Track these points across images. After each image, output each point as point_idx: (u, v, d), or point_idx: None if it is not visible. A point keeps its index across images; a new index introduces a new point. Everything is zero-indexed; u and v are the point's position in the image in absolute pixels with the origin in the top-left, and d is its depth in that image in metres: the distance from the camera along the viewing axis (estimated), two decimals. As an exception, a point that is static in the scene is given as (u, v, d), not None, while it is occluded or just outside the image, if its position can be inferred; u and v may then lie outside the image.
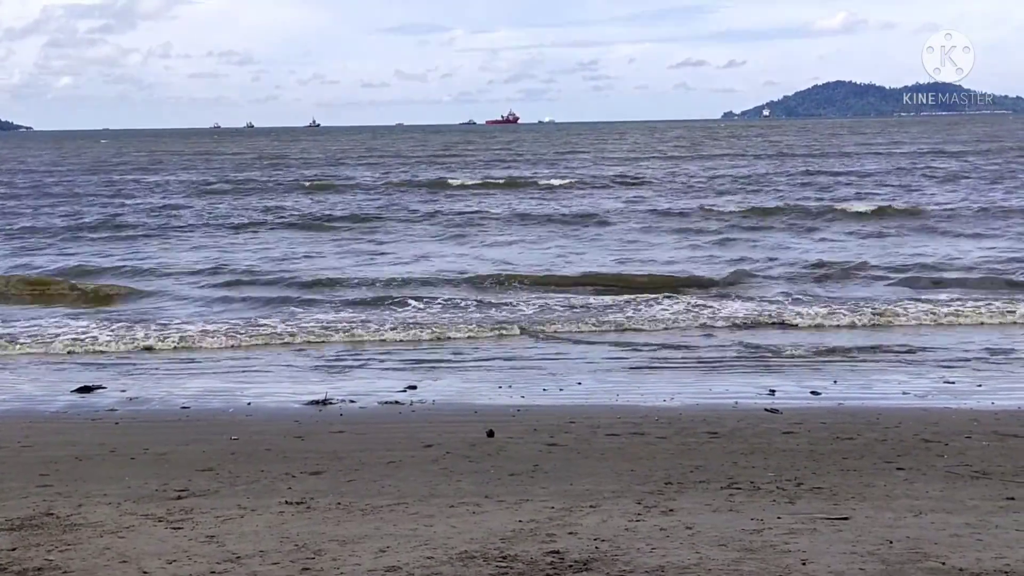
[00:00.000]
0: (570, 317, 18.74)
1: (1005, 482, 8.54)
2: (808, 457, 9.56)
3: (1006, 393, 12.96)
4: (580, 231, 33.53)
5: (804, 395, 12.99)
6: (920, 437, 10.30)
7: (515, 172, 64.47)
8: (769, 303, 19.89)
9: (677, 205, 40.25)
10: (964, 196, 41.59)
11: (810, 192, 45.32)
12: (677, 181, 54.18)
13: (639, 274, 23.58)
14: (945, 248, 27.61)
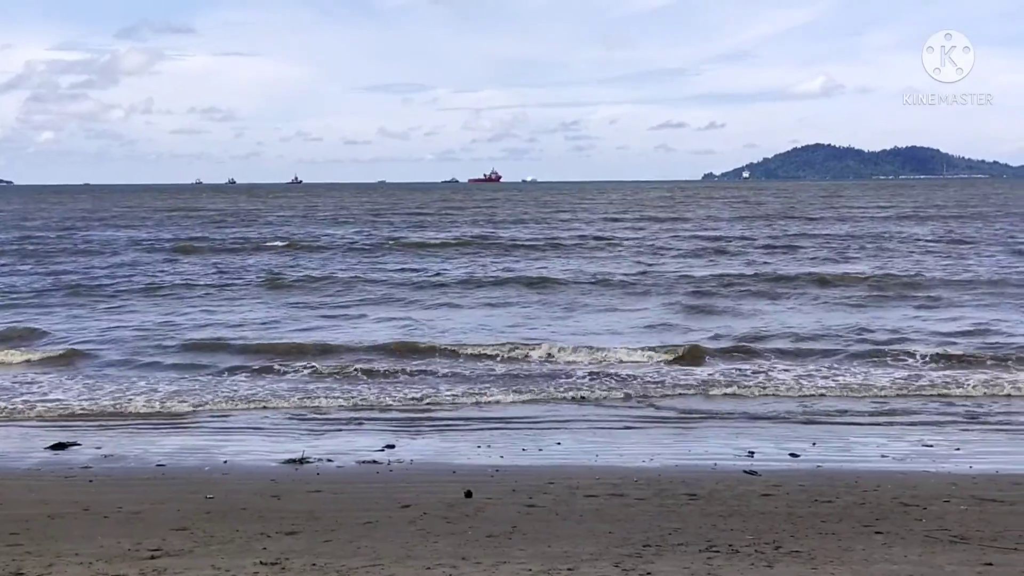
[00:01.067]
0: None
1: (983, 547, 8.51)
2: (787, 520, 9.52)
3: (983, 457, 12.97)
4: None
5: (783, 457, 12.97)
6: (899, 501, 10.28)
7: (486, 231, 64.20)
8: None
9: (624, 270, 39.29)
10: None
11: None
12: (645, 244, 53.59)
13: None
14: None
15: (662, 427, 15.13)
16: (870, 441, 14.04)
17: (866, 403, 16.81)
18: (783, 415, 15.93)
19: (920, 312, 27.15)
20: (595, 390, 17.83)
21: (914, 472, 11.99)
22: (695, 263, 41.95)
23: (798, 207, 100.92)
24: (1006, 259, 41.57)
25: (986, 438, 14.31)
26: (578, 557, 8.25)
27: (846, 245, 49.63)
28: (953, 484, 11.15)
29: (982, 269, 37.58)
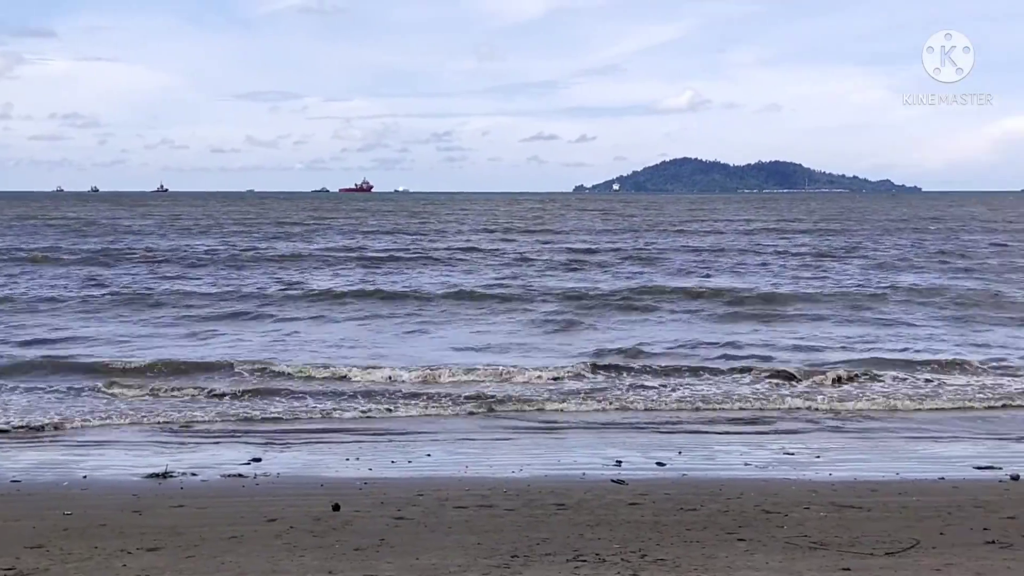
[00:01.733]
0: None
1: (841, 552, 8.74)
2: (652, 528, 9.64)
3: (842, 464, 13.32)
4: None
5: (650, 466, 13.14)
6: (761, 508, 10.49)
7: (355, 242, 63.55)
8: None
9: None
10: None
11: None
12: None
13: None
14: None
15: (532, 438, 15.22)
16: (733, 450, 14.32)
17: (731, 413, 17.16)
18: (650, 425, 16.15)
19: (781, 326, 27.72)
20: (465, 403, 17.78)
21: (776, 480, 12.26)
22: (565, 276, 42.09)
23: (666, 219, 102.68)
24: (869, 273, 42.78)
25: (845, 446, 14.71)
26: (446, 569, 8.23)
27: (713, 259, 50.52)
28: (813, 491, 11.42)
29: (849, 282, 38.65)
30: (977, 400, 18.02)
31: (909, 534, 9.40)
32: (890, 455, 14.05)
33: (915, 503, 10.80)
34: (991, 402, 17.87)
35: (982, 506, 10.63)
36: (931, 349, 23.44)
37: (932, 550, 8.85)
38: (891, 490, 11.55)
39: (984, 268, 44.13)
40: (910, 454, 14.16)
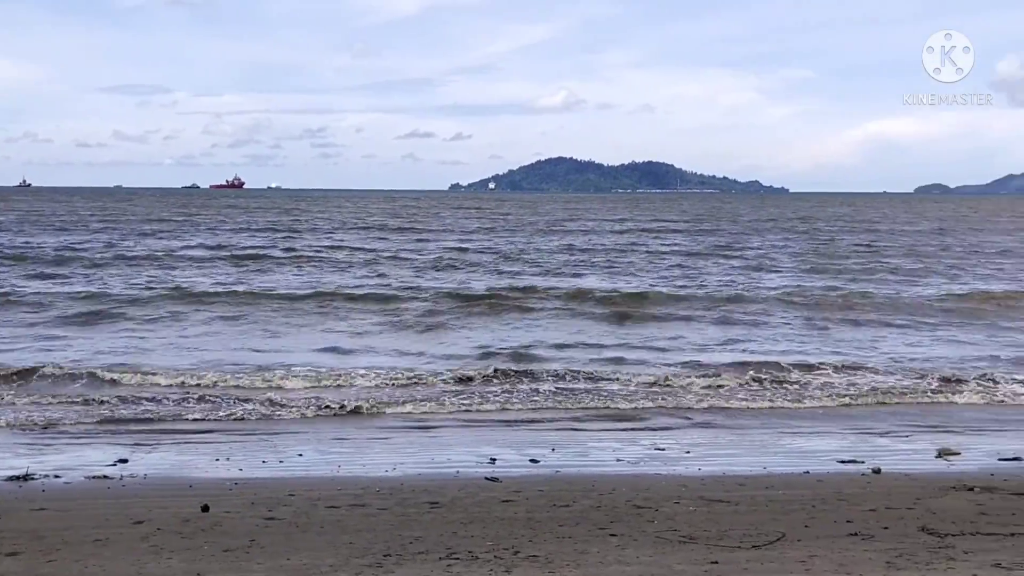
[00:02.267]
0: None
1: (710, 546, 8.89)
2: (526, 525, 9.68)
3: (712, 459, 13.55)
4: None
5: (524, 463, 13.19)
6: (632, 503, 10.62)
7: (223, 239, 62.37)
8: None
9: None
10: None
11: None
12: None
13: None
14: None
15: (406, 436, 15.14)
16: (606, 446, 14.45)
17: (604, 411, 17.32)
18: (526, 423, 16.22)
19: (654, 326, 28.05)
20: (331, 405, 17.61)
21: (647, 475, 12.42)
22: (440, 276, 41.78)
23: (541, 218, 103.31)
24: (739, 273, 43.59)
25: (714, 441, 14.95)
26: (317, 569, 8.15)
27: (586, 257, 50.90)
28: (683, 486, 11.60)
29: (718, 282, 39.25)
30: (840, 397, 18.46)
31: (775, 527, 9.60)
32: (758, 450, 14.33)
33: (781, 496, 11.03)
34: (851, 399, 18.31)
35: (845, 499, 10.91)
36: (796, 350, 23.94)
37: (797, 542, 9.05)
38: (758, 484, 11.78)
39: (847, 268, 45.26)
40: (777, 449, 14.46)
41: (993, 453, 14.02)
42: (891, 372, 20.77)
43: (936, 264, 47.68)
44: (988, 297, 33.34)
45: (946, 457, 13.80)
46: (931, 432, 15.69)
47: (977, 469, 12.86)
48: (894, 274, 42.93)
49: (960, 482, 11.80)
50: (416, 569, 8.15)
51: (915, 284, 38.99)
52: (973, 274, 43.07)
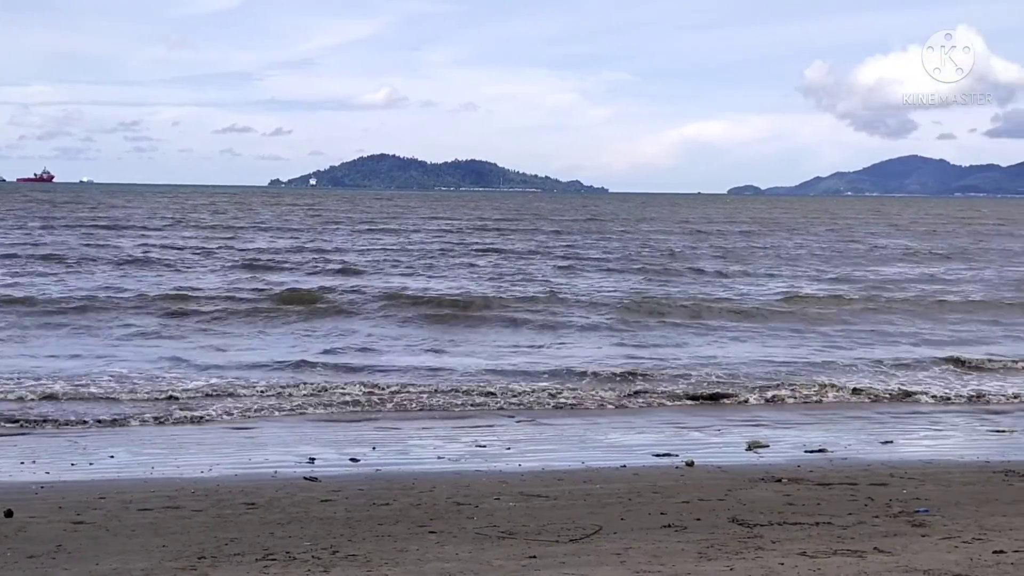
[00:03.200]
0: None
1: (528, 541, 8.97)
2: (345, 524, 9.60)
3: (532, 455, 13.70)
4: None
5: (344, 462, 13.08)
6: (452, 500, 10.64)
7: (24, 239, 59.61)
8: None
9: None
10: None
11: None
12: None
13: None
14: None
15: (223, 436, 14.85)
16: (428, 444, 14.45)
17: (426, 407, 17.31)
18: (346, 422, 16.10)
19: (483, 328, 27.88)
20: (152, 405, 17.16)
21: (467, 472, 12.46)
22: (242, 276, 39.32)
23: (363, 215, 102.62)
24: (561, 274, 43.96)
25: (535, 437, 15.11)
26: (128, 573, 7.92)
27: (414, 258, 50.15)
28: (503, 482, 11.69)
29: (537, 287, 39.25)
30: (656, 397, 18.81)
31: (592, 520, 9.76)
32: (577, 445, 14.55)
33: (599, 491, 11.23)
34: (663, 400, 18.64)
35: (660, 492, 11.17)
36: (613, 353, 23.86)
37: (613, 535, 9.22)
38: (577, 479, 11.97)
39: (658, 269, 46.02)
40: (596, 444, 14.70)
41: (799, 445, 14.56)
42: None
43: (755, 266, 48.88)
44: (799, 299, 34.30)
45: (755, 450, 14.26)
46: (742, 426, 16.17)
47: (784, 461, 13.32)
48: (701, 275, 44.00)
49: (768, 474, 12.22)
50: (232, 571, 7.99)
51: (727, 287, 40.08)
52: (784, 276, 44.34)
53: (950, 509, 10.35)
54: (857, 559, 8.32)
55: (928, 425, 16.68)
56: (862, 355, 23.44)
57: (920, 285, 40.02)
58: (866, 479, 11.91)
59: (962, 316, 31.12)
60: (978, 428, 16.39)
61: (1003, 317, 30.85)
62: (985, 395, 19.27)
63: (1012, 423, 16.67)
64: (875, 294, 35.80)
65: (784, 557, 8.38)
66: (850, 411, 17.73)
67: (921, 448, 14.81)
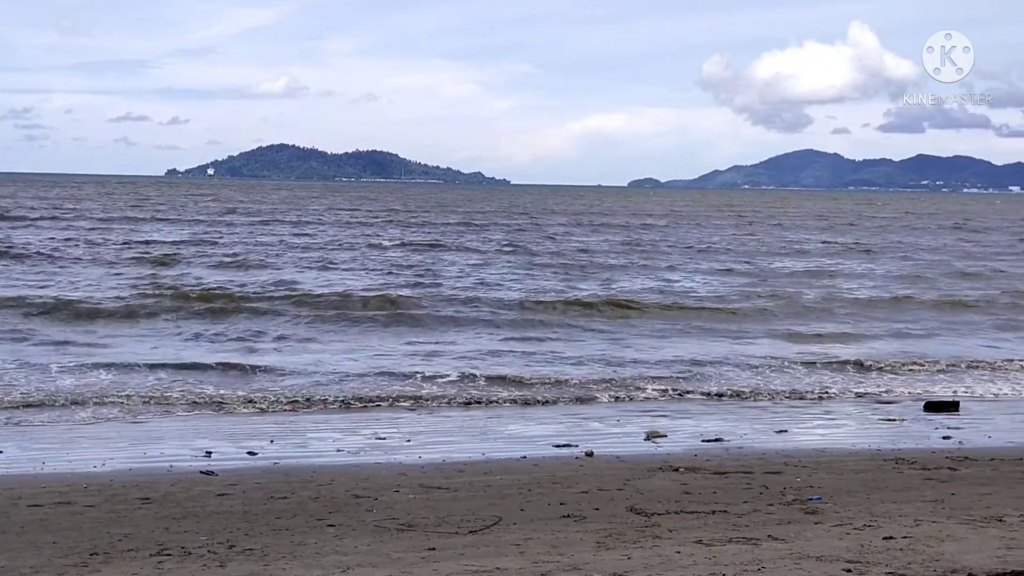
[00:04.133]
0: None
1: (428, 533, 8.95)
2: (242, 519, 9.49)
3: (432, 447, 13.68)
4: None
5: (241, 455, 12.93)
6: (352, 493, 10.58)
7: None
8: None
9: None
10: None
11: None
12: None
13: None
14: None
15: (117, 430, 14.59)
16: (327, 437, 14.35)
17: (326, 400, 17.16)
18: (244, 415, 15.93)
19: (401, 328, 27.58)
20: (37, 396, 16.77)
21: (367, 464, 12.39)
22: (133, 270, 37.85)
23: (265, 207, 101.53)
24: (467, 272, 43.83)
25: (435, 429, 15.10)
26: (17, 571, 7.73)
27: (322, 255, 48.85)
28: (403, 474, 11.65)
29: (447, 285, 38.92)
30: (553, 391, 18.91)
31: (492, 512, 9.77)
32: (478, 437, 14.57)
33: (499, 482, 11.25)
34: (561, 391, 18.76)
35: (560, 482, 11.23)
36: (508, 350, 23.57)
37: (513, 526, 9.24)
38: (477, 470, 11.98)
39: (562, 265, 46.04)
40: (497, 435, 14.73)
41: (697, 435, 14.75)
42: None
43: (655, 260, 49.18)
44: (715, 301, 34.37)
45: (654, 439, 14.42)
46: (642, 416, 16.33)
47: (682, 450, 13.49)
48: (609, 269, 44.31)
49: (666, 463, 12.36)
50: (125, 567, 7.84)
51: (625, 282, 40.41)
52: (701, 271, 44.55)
53: (842, 497, 10.57)
54: (752, 546, 8.46)
55: (822, 414, 17.02)
56: (767, 351, 23.50)
57: (821, 280, 40.33)
58: (761, 468, 12.12)
59: (859, 311, 31.35)
60: (870, 417, 16.75)
61: (898, 315, 30.96)
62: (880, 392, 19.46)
63: (902, 412, 17.08)
64: (788, 290, 35.69)
65: (680, 545, 8.48)
66: (747, 401, 18.01)
67: (815, 437, 15.11)
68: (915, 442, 14.43)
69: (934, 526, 9.17)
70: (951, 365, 21.90)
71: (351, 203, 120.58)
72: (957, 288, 38.13)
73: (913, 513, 9.74)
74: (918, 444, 14.24)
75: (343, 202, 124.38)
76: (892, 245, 62.59)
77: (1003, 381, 20.42)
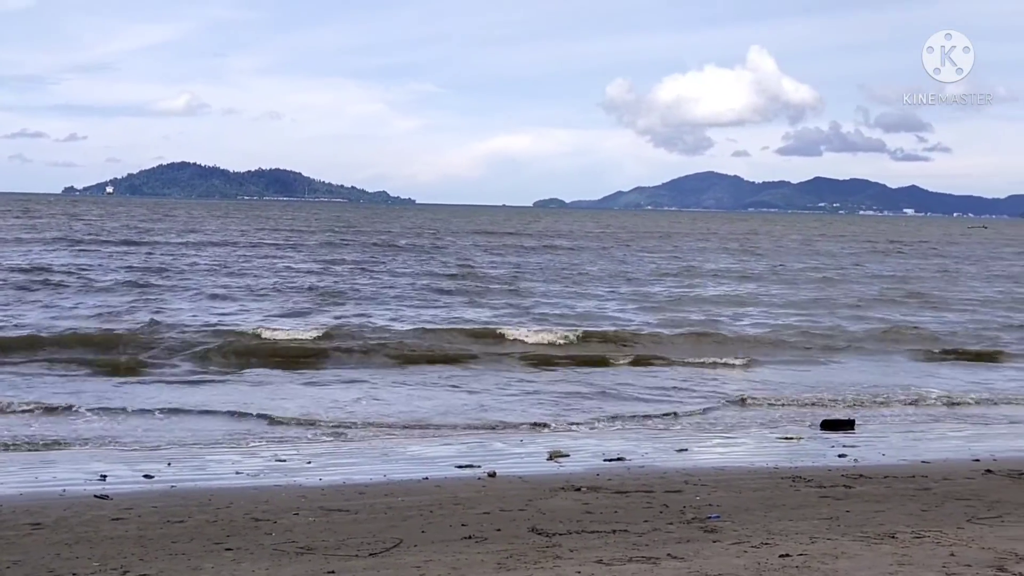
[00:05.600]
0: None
1: (327, 556, 8.86)
2: (137, 543, 9.30)
3: (333, 468, 13.55)
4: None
5: (137, 479, 12.67)
6: (250, 516, 10.43)
7: None
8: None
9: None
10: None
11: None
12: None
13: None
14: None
15: (6, 454, 14.19)
16: (226, 459, 14.13)
17: (223, 422, 16.94)
18: (140, 438, 15.61)
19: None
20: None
21: (266, 487, 12.23)
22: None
23: (170, 226, 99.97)
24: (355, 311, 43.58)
25: (336, 451, 14.96)
26: (-101, 602, 7.47)
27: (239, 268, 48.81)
28: (303, 496, 11.52)
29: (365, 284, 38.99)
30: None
31: (393, 534, 9.71)
32: (379, 458, 14.46)
33: (400, 503, 11.18)
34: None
35: (461, 503, 11.20)
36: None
37: (414, 548, 9.19)
38: (378, 492, 11.89)
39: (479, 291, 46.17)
40: (399, 456, 14.64)
41: (599, 454, 14.82)
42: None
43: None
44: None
45: (556, 459, 14.46)
46: (544, 436, 16.38)
47: (584, 470, 13.54)
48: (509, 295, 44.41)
49: (568, 483, 12.39)
50: (13, 596, 7.64)
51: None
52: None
53: (740, 515, 10.71)
54: (651, 565, 8.51)
55: (722, 432, 17.23)
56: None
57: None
58: (662, 486, 12.21)
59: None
60: (768, 436, 16.99)
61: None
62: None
63: (799, 430, 17.36)
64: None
65: (581, 565, 8.51)
66: (648, 421, 18.13)
67: (714, 456, 15.28)
68: (812, 460, 14.68)
69: (829, 543, 9.32)
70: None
71: (254, 222, 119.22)
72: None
73: (809, 531, 9.90)
74: (815, 462, 14.49)
75: (248, 221, 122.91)
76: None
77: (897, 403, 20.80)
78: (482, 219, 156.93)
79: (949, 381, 23.52)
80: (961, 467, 14.00)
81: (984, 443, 16.41)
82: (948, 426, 18.32)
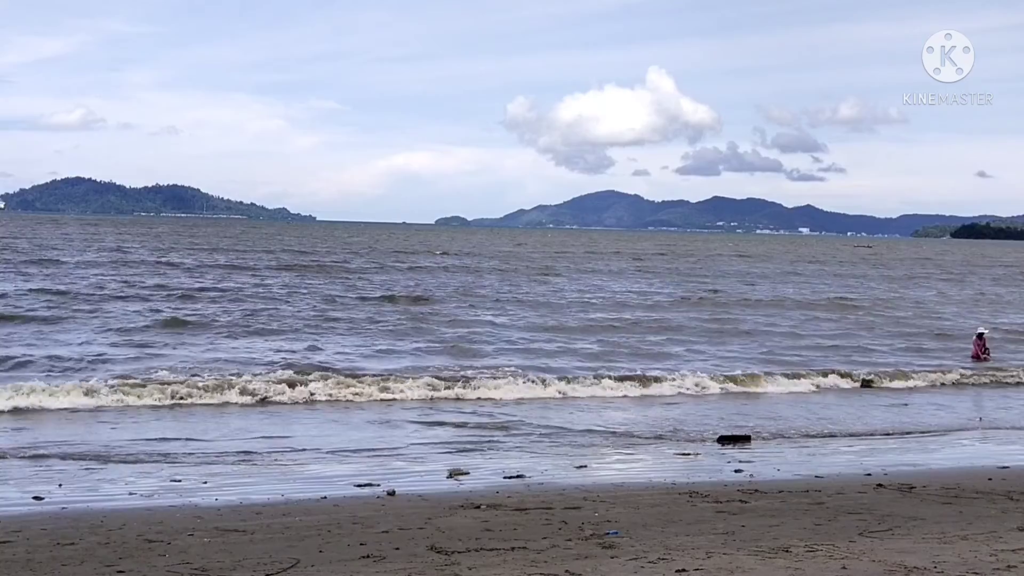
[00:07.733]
0: None
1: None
2: (25, 567, 9.08)
3: (230, 488, 13.35)
4: None
5: (27, 501, 12.37)
6: (144, 538, 10.24)
7: None
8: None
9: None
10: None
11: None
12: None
13: None
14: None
15: None
16: (119, 479, 13.85)
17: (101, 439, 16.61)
18: (28, 459, 15.23)
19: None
20: None
21: (161, 508, 12.02)
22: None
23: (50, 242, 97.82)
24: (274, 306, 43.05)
25: (233, 471, 14.74)
26: None
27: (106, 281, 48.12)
28: (198, 517, 11.34)
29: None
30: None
31: (290, 554, 9.60)
32: (277, 477, 14.29)
33: (298, 523, 11.07)
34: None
35: (360, 522, 11.12)
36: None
37: (311, 568, 9.10)
38: (276, 512, 11.75)
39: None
40: (297, 476, 14.48)
41: (499, 471, 14.83)
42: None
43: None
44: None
45: (456, 477, 14.44)
46: (445, 453, 16.34)
47: (484, 487, 13.54)
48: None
49: (468, 500, 12.39)
50: None
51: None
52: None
53: (638, 530, 10.79)
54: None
55: (621, 448, 17.36)
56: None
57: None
58: (561, 503, 12.27)
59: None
60: (666, 452, 17.16)
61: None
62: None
63: (696, 445, 17.56)
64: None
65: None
66: (546, 438, 18.20)
67: (613, 472, 15.39)
68: (708, 475, 14.87)
69: (725, 558, 9.44)
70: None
71: (167, 240, 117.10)
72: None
73: (705, 545, 10.02)
74: (711, 477, 14.68)
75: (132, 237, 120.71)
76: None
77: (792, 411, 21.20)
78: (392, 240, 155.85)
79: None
80: (854, 482, 14.29)
81: (876, 458, 16.78)
82: (842, 441, 18.69)
